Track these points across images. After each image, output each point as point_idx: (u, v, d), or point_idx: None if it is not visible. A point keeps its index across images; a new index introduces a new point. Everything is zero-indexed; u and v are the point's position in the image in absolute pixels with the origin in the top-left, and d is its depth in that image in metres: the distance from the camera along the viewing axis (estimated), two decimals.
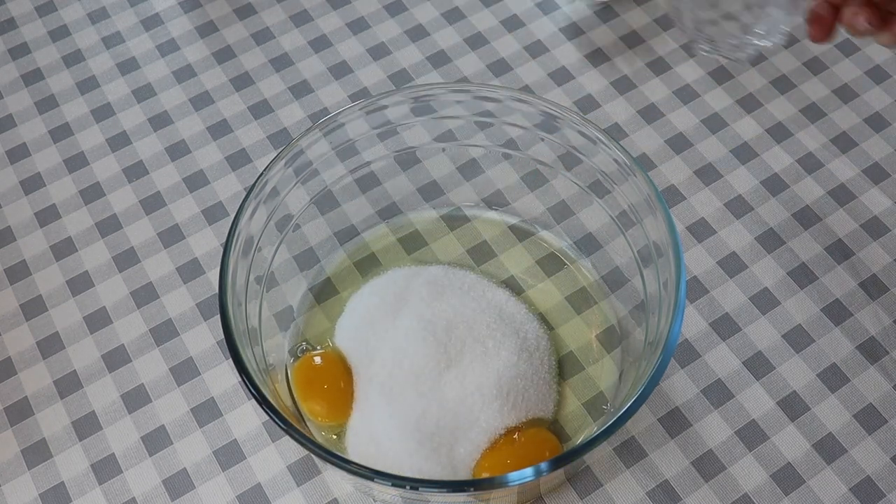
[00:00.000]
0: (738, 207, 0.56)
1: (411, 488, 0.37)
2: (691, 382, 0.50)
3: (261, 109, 0.61)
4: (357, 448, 0.46)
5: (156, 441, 0.49)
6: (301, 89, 0.61)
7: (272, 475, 0.48)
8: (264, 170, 0.45)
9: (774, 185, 0.56)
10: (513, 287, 0.52)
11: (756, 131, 0.58)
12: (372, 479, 0.38)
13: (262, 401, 0.39)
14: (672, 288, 0.42)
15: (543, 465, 0.38)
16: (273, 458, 0.48)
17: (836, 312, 0.52)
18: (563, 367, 0.49)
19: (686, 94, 0.60)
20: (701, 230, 0.55)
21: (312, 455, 0.42)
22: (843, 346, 0.51)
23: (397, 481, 0.37)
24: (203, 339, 0.52)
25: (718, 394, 0.50)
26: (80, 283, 0.54)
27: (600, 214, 0.50)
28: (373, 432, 0.45)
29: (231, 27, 0.64)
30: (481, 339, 0.47)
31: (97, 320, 0.53)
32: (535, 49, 0.62)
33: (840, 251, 0.54)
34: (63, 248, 0.55)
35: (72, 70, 0.63)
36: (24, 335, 0.53)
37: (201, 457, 0.49)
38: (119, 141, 0.60)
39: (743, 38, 0.48)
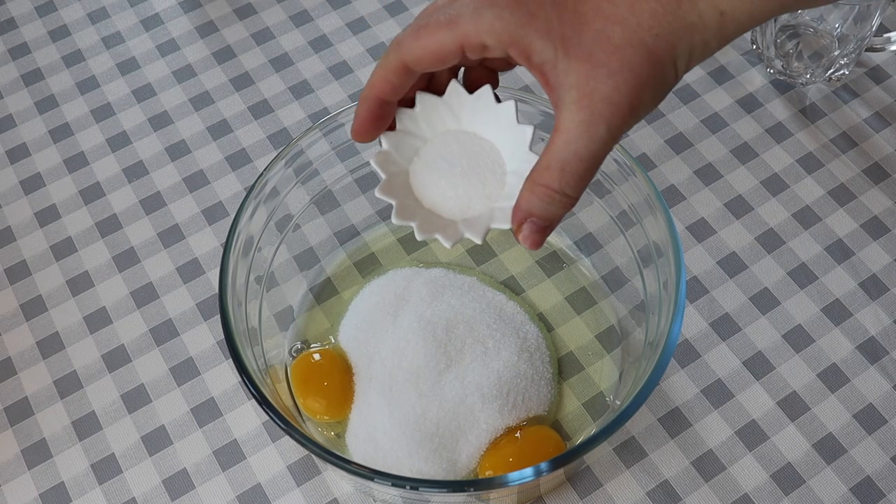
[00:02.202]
0: (738, 207, 0.56)
1: (411, 488, 0.37)
2: (691, 382, 0.50)
3: (261, 109, 0.60)
4: (357, 448, 0.46)
5: (156, 441, 0.49)
6: (301, 89, 0.61)
7: (272, 475, 0.48)
8: (264, 170, 0.45)
9: (774, 185, 0.56)
10: (513, 287, 0.52)
11: (756, 131, 0.58)
12: (372, 479, 0.38)
13: (262, 401, 0.39)
14: (672, 288, 0.42)
15: (543, 465, 0.38)
16: (273, 458, 0.48)
17: (836, 312, 0.52)
18: (563, 367, 0.49)
19: (686, 95, 0.60)
20: (701, 230, 0.55)
21: (312, 455, 0.42)
22: (843, 346, 0.51)
23: (397, 481, 0.37)
24: (203, 339, 0.52)
25: (718, 394, 0.50)
26: (80, 283, 0.54)
27: (600, 214, 0.50)
28: (373, 432, 0.45)
29: (231, 27, 0.64)
30: (481, 340, 0.46)
31: (97, 320, 0.53)
32: None
33: (840, 251, 0.54)
34: (63, 248, 0.55)
35: (72, 70, 0.63)
36: (24, 335, 0.53)
37: (201, 457, 0.49)
38: (119, 141, 0.60)
39: None
